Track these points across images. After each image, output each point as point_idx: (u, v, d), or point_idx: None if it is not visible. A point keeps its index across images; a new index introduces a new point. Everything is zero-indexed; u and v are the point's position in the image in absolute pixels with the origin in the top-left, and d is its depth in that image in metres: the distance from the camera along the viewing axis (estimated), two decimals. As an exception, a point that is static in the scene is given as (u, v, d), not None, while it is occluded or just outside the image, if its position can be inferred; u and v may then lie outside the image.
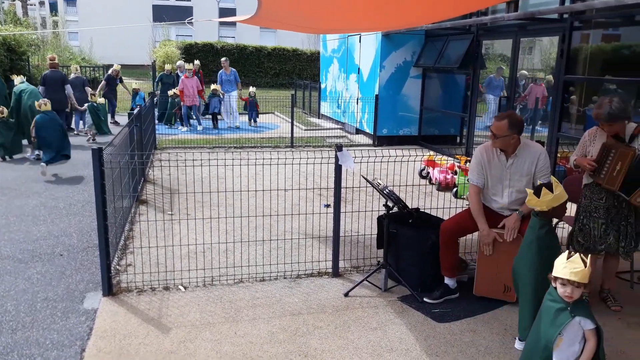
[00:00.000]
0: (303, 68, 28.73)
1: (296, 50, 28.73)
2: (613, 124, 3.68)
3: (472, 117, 9.74)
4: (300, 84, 19.19)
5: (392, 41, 10.98)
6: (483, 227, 3.95)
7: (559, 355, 2.50)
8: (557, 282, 2.47)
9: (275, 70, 28.36)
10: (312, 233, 5.52)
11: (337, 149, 4.26)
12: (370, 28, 8.61)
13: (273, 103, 16.86)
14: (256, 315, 3.80)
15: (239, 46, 27.97)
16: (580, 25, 7.22)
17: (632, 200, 3.65)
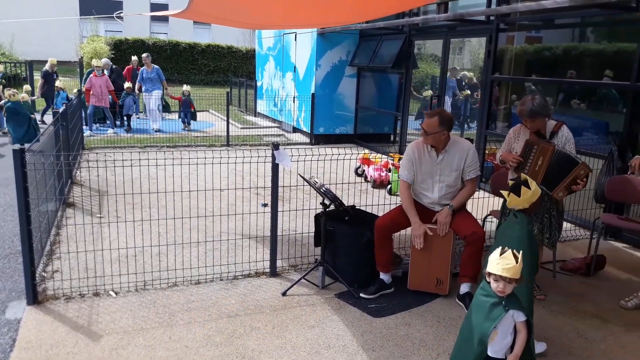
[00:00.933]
0: (239, 65, 28.37)
1: (231, 47, 28.32)
2: (535, 120, 3.88)
3: (404, 116, 9.97)
4: (235, 82, 18.96)
5: (327, 40, 11.06)
6: (414, 220, 4.06)
7: (493, 348, 2.59)
8: (491, 277, 2.55)
9: (209, 67, 27.84)
10: (249, 233, 5.47)
11: (274, 148, 4.24)
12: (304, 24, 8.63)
13: (208, 101, 16.57)
14: (191, 319, 3.72)
15: (172, 42, 27.23)
16: (506, 27, 7.55)
17: (554, 194, 3.85)
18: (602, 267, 4.85)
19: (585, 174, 3.74)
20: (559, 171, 3.79)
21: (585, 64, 6.56)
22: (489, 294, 2.58)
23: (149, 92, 12.52)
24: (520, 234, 3.12)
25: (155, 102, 12.51)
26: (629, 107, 5.60)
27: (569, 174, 3.75)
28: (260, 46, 15.16)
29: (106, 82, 11.81)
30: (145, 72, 12.57)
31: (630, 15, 5.71)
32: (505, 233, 3.19)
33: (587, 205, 5.83)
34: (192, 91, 13.61)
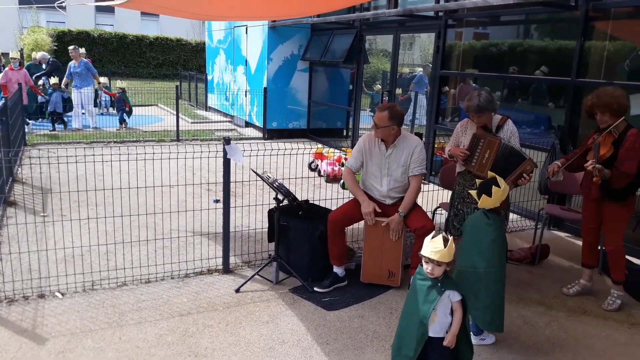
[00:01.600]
0: (188, 59, 27.84)
1: (180, 40, 27.75)
2: (481, 115, 3.98)
3: (357, 111, 10.04)
4: (185, 75, 18.59)
5: (278, 34, 10.99)
6: (363, 199, 4.12)
7: (434, 329, 2.68)
8: (423, 259, 2.64)
9: (158, 60, 27.20)
10: (201, 230, 5.39)
11: (225, 143, 4.18)
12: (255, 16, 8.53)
13: (156, 95, 16.19)
14: (142, 319, 3.63)
15: (118, 34, 26.42)
16: (454, 23, 7.71)
17: None
18: (547, 256, 5.04)
19: (531, 169, 3.89)
20: (505, 164, 3.91)
21: (529, 60, 6.78)
22: (425, 278, 2.67)
23: (77, 88, 11.37)
24: (496, 236, 3.18)
25: (87, 98, 11.46)
26: (570, 102, 5.83)
27: (515, 167, 3.88)
28: (211, 39, 14.92)
29: (24, 76, 10.75)
30: (73, 67, 11.38)
31: (570, 13, 5.94)
32: (479, 236, 3.21)
33: (532, 197, 6.05)
34: (139, 85, 13.19)
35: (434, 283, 2.65)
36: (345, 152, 8.19)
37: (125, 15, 33.21)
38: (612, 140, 3.76)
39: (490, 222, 3.20)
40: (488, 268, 3.18)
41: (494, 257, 3.17)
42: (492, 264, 3.17)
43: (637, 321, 3.89)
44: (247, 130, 12.33)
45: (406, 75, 10.88)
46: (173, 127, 11.11)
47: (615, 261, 4.00)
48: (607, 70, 5.63)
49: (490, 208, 3.21)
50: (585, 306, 4.09)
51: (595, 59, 5.73)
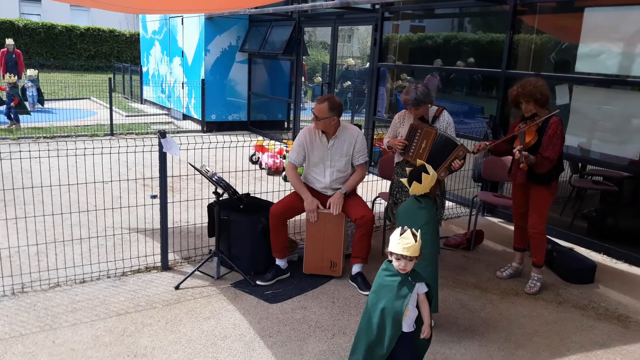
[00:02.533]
0: (122, 50, 26.89)
1: (113, 30, 26.74)
2: (419, 108, 4.08)
3: (297, 103, 10.04)
4: (119, 67, 17.95)
5: (216, 25, 10.79)
6: (306, 195, 4.13)
7: (406, 323, 2.68)
8: (393, 256, 2.63)
9: (90, 52, 26.11)
10: (138, 226, 5.23)
11: (160, 136, 4.07)
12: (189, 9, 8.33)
13: (89, 88, 15.56)
14: (77, 320, 3.50)
15: (46, 25, 25.12)
16: (391, 16, 7.83)
17: (437, 174, 4.09)
18: (481, 241, 5.24)
19: (463, 155, 4.03)
20: (441, 153, 4.04)
21: (463, 52, 7.00)
22: (394, 274, 2.65)
23: None
24: (428, 219, 3.25)
25: None
26: (501, 92, 6.07)
27: (449, 153, 4.01)
28: (145, 30, 14.45)
29: None
30: None
31: (500, 8, 6.16)
32: (412, 219, 3.25)
33: (467, 185, 6.26)
34: (71, 78, 12.62)
35: (404, 278, 2.64)
36: (286, 144, 8.17)
37: (53, 4, 31.60)
38: (537, 128, 3.95)
39: (422, 205, 3.27)
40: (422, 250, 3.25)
41: (428, 240, 3.23)
42: (426, 246, 3.23)
43: (564, 299, 4.12)
44: (185, 123, 12.05)
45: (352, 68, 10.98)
46: (107, 121, 10.71)
47: (537, 245, 4.20)
48: (534, 62, 5.89)
49: (421, 194, 3.29)
50: (518, 288, 4.29)
51: (523, 52, 5.99)
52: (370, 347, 2.71)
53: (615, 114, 5.15)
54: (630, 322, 3.81)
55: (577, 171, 5.70)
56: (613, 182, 5.46)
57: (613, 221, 5.59)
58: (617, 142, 5.17)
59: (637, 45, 4.89)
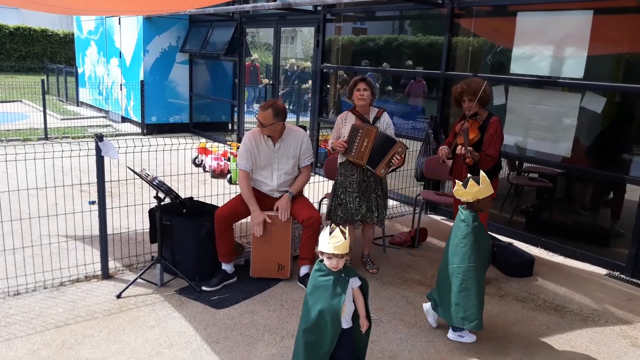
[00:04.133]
0: (55, 50, 25.81)
1: (46, 30, 25.61)
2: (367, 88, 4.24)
3: (241, 104, 9.93)
4: (52, 69, 17.19)
5: (155, 25, 10.51)
6: (254, 208, 4.08)
7: (344, 319, 2.70)
8: (324, 256, 2.64)
9: (20, 52, 24.91)
10: (76, 234, 5.02)
11: (98, 139, 3.92)
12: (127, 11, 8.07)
13: (20, 90, 14.82)
14: (12, 334, 3.31)
15: (-29, 23, 23.78)
16: (333, 18, 7.88)
17: (377, 171, 4.19)
18: (425, 239, 5.36)
19: (402, 151, 4.15)
20: (382, 151, 4.15)
21: (404, 55, 7.13)
22: (327, 273, 2.67)
23: None
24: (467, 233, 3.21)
25: None
26: (441, 94, 6.22)
27: (387, 151, 4.11)
28: (80, 30, 13.90)
29: None
30: None
31: (438, 11, 6.33)
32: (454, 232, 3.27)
33: (410, 184, 6.38)
34: (0, 79, 11.94)
35: (338, 276, 2.65)
36: (231, 146, 8.06)
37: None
38: (478, 127, 4.08)
39: (463, 219, 3.25)
40: (461, 264, 3.23)
41: (466, 254, 3.22)
42: (464, 261, 3.22)
43: (505, 293, 4.27)
44: (124, 125, 11.67)
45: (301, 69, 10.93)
46: (40, 124, 10.22)
47: None
48: (472, 64, 6.08)
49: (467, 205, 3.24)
50: (461, 283, 4.39)
51: (461, 54, 6.17)
52: (311, 349, 2.70)
53: (548, 113, 5.39)
54: (566, 312, 3.99)
55: (515, 169, 5.93)
56: (548, 178, 5.72)
57: (549, 216, 5.86)
58: (551, 140, 5.41)
59: (566, 48, 5.14)
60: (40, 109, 10.69)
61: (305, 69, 10.10)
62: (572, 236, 5.30)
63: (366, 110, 4.30)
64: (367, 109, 4.29)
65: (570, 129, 5.19)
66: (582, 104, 5.06)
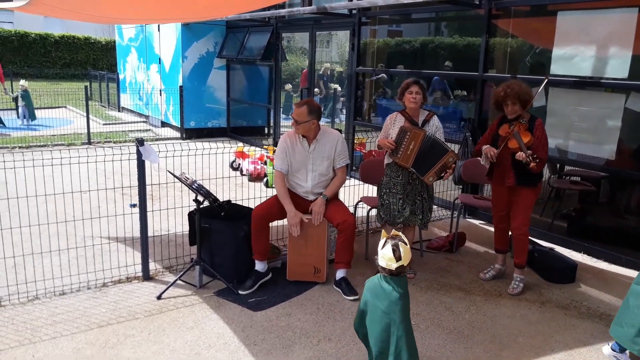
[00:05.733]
0: (98, 58, 26.59)
1: (89, 38, 26.43)
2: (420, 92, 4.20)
3: (277, 108, 10.02)
4: (95, 75, 17.72)
5: (192, 31, 10.72)
6: (290, 208, 4.10)
7: None
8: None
9: (65, 60, 25.76)
10: (118, 236, 5.15)
11: (139, 144, 4.02)
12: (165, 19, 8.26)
13: (65, 96, 15.33)
14: (57, 333, 3.42)
15: (19, 33, 24.72)
16: (368, 21, 7.87)
17: (425, 179, 4.12)
18: (463, 244, 5.28)
19: (453, 161, 4.06)
20: (429, 156, 4.07)
21: (440, 56, 7.06)
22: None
23: None
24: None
25: None
26: (479, 96, 6.13)
27: (438, 159, 4.03)
28: (121, 37, 14.30)
29: None
30: None
31: (475, 12, 6.24)
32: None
33: (448, 187, 6.31)
34: (46, 86, 12.39)
35: None
36: (267, 150, 8.14)
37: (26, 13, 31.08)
38: (525, 129, 3.99)
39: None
40: None
41: None
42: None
43: (547, 299, 4.17)
44: (163, 130, 11.94)
45: (333, 73, 10.96)
46: (84, 129, 10.55)
47: (520, 245, 4.24)
48: (510, 65, 5.97)
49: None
50: (501, 289, 4.32)
51: (499, 55, 6.06)
52: None
53: (590, 115, 5.25)
54: (611, 320, 3.86)
55: (556, 172, 5.78)
56: (590, 182, 5.56)
57: (592, 220, 5.69)
58: (593, 142, 5.26)
59: (609, 47, 4.99)
60: (84, 114, 11.04)
61: (342, 73, 10.11)
62: (617, 241, 5.13)
63: (416, 113, 4.26)
64: (418, 112, 4.26)
65: (614, 131, 5.03)
66: (627, 104, 4.90)
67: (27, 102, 12.24)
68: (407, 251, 2.61)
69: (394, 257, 2.57)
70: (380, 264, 2.63)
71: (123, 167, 6.77)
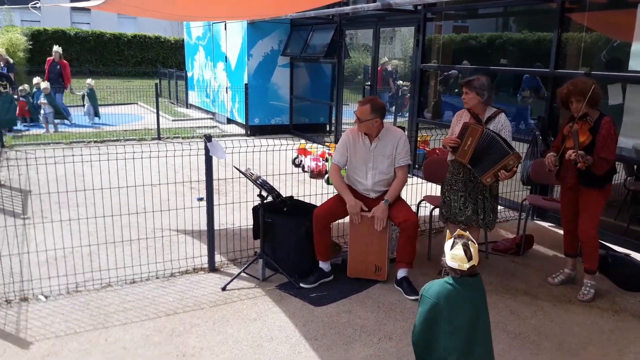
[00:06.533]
0: (167, 56, 27.54)
1: (159, 37, 27.44)
2: (468, 92, 4.05)
3: (339, 105, 10.04)
4: (165, 73, 18.40)
5: (258, 29, 10.92)
6: (349, 198, 4.10)
7: None
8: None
9: (137, 58, 26.87)
10: (185, 228, 5.34)
11: (207, 140, 4.14)
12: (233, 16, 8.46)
13: (136, 93, 16.01)
14: (128, 319, 3.59)
15: (95, 33, 26.02)
16: (433, 17, 7.73)
17: (483, 179, 3.99)
18: (531, 246, 5.10)
19: (514, 164, 3.88)
20: (488, 154, 3.92)
21: (508, 52, 6.84)
22: None
23: None
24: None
25: None
26: (549, 93, 5.89)
27: (498, 158, 3.88)
28: (189, 36, 14.77)
29: None
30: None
31: (547, 5, 5.99)
32: None
33: (515, 188, 6.10)
34: (119, 84, 12.92)
35: None
36: (329, 147, 8.18)
37: (101, 13, 32.70)
38: (589, 128, 3.81)
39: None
40: None
41: None
42: None
43: (621, 308, 3.96)
44: (229, 127, 12.24)
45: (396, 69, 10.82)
46: (154, 125, 10.99)
47: (588, 250, 4.04)
48: (584, 61, 5.70)
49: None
50: (570, 295, 4.14)
51: (572, 51, 5.80)
52: None
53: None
54: (692, 332, 3.62)
55: (632, 174, 5.47)
56: (671, 185, 5.22)
57: (672, 226, 5.35)
58: (676, 143, 4.94)
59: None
60: (154, 110, 11.49)
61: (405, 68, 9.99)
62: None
63: (480, 110, 4.13)
64: (481, 109, 4.12)
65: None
66: None
67: (92, 100, 12.64)
68: (476, 250, 2.55)
69: (466, 257, 2.50)
70: (451, 265, 2.53)
71: (191, 162, 7.01)
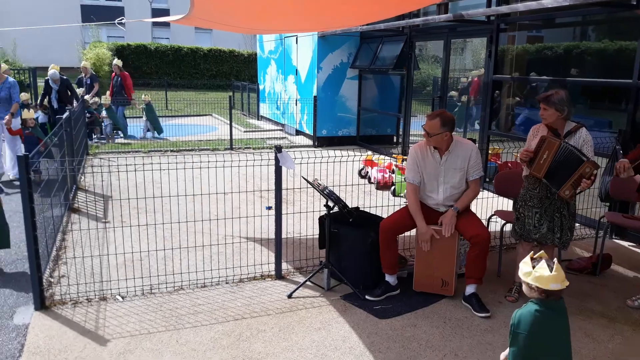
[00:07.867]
0: (240, 69, 28.45)
1: (233, 51, 28.41)
2: (547, 108, 3.87)
3: (407, 117, 9.97)
4: (238, 86, 19.00)
5: (328, 42, 11.08)
6: (421, 224, 4.05)
7: None
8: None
9: (212, 71, 27.93)
10: (254, 236, 5.48)
11: (277, 151, 4.25)
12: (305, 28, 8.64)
13: (211, 105, 16.61)
14: (198, 322, 3.73)
15: (174, 47, 27.34)
16: (506, 27, 7.55)
17: (561, 193, 3.79)
18: (609, 266, 4.83)
19: (591, 172, 3.67)
20: (565, 168, 3.74)
21: (587, 63, 6.55)
22: None
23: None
24: None
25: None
26: (632, 105, 5.59)
27: (574, 171, 3.70)
28: (262, 50, 15.20)
29: None
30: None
31: (630, 13, 5.70)
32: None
33: (592, 204, 5.82)
34: (194, 96, 13.33)
35: None
36: (395, 159, 8.14)
37: (180, 29, 34.35)
38: None
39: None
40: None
41: None
42: None
43: None
44: (297, 138, 12.46)
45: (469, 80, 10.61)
46: (227, 136, 11.37)
47: None
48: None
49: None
50: (652, 319, 3.89)
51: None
52: None
53: None
54: None
55: None
56: None
57: None
58: None
59: None
60: (227, 122, 11.89)
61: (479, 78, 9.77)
62: None
63: (560, 125, 3.95)
64: (561, 124, 3.95)
65: None
66: None
67: (150, 116, 12.19)
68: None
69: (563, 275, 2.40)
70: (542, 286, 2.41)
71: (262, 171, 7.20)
